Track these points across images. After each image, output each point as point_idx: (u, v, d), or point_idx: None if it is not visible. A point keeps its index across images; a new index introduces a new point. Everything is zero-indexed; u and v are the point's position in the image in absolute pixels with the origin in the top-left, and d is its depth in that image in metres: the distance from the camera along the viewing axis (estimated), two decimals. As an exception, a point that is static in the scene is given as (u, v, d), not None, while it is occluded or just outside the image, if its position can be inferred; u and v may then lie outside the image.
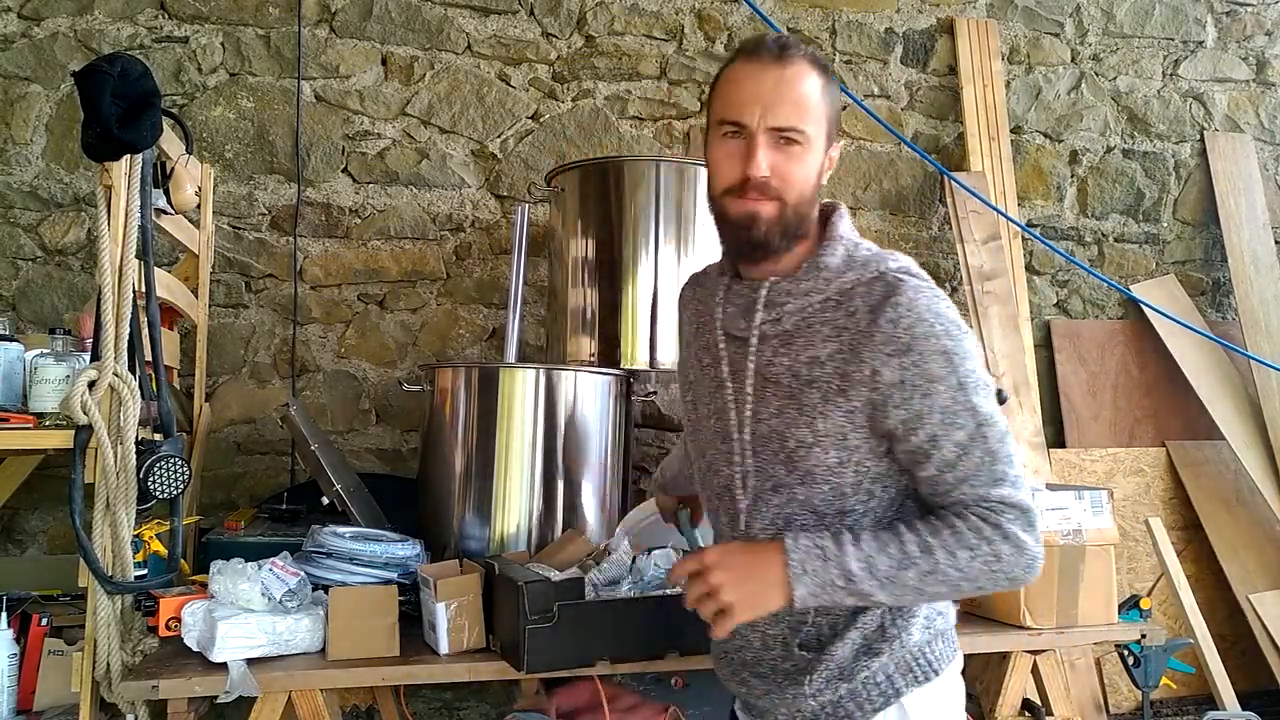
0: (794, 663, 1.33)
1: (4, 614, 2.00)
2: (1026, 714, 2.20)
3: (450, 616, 1.90)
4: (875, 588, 1.21)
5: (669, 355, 2.53)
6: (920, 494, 1.29)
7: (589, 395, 2.39)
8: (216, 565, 1.92)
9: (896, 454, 1.27)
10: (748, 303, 1.34)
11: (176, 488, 1.94)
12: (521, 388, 2.34)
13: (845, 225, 1.36)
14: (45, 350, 2.02)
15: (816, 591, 1.21)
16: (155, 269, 2.07)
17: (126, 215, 1.95)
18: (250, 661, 1.79)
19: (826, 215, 1.37)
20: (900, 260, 1.30)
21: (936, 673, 1.31)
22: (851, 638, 1.29)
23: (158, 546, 2.05)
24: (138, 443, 1.92)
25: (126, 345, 1.92)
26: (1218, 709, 2.99)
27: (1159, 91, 3.72)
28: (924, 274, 1.31)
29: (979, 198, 3.30)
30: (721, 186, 1.29)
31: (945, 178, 3.36)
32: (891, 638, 1.29)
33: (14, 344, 2.06)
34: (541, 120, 3.20)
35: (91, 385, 1.86)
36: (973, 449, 1.23)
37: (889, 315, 1.22)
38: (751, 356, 1.32)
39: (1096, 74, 3.67)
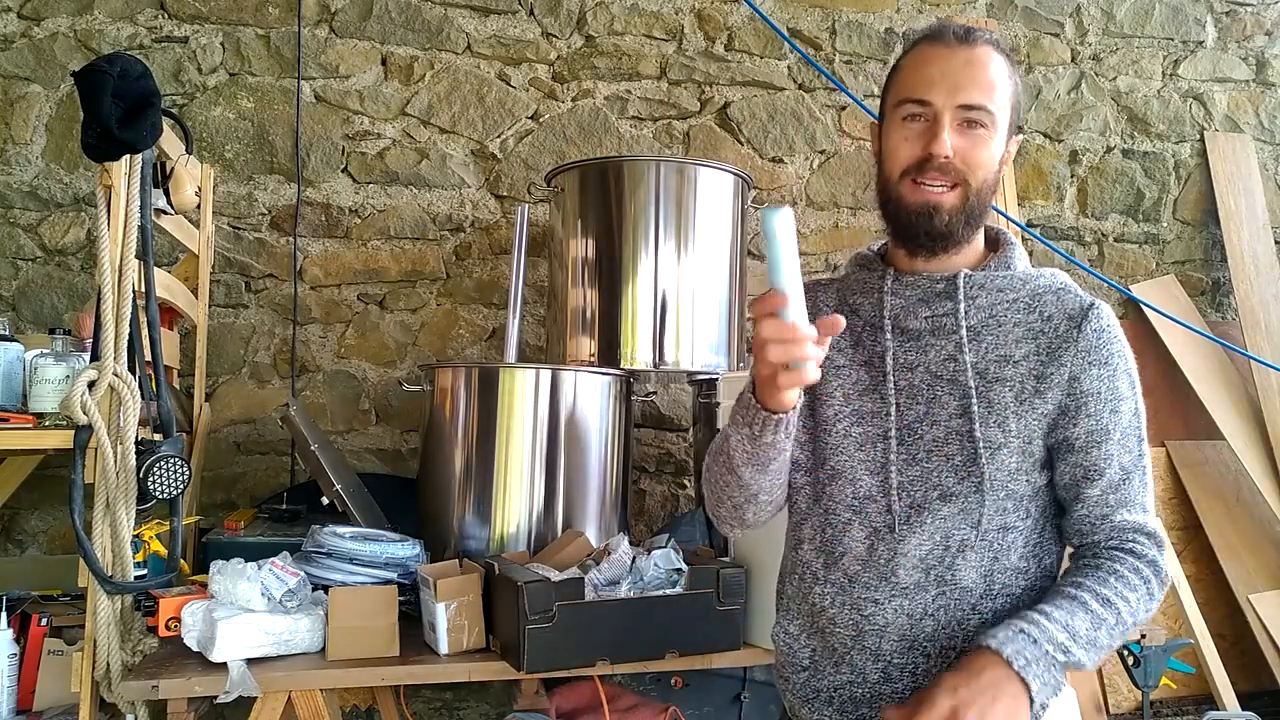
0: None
1: (4, 614, 2.00)
2: (1026, 714, 2.20)
3: (450, 616, 1.90)
4: (1082, 655, 1.13)
5: (672, 355, 2.53)
6: (1070, 517, 1.26)
7: (589, 395, 2.39)
8: (216, 565, 1.92)
9: (1062, 467, 1.25)
10: (928, 293, 1.28)
11: (176, 488, 1.94)
12: (521, 388, 2.34)
13: (1010, 234, 1.37)
14: (45, 350, 2.03)
15: (1045, 679, 1.09)
16: (155, 269, 2.07)
17: (126, 215, 1.95)
18: (250, 661, 1.79)
19: (992, 231, 1.37)
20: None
21: (1063, 682, 1.28)
22: None
23: (158, 546, 2.05)
24: (138, 443, 1.92)
25: (126, 345, 1.92)
26: (1218, 709, 2.99)
27: (1159, 91, 3.72)
28: None
29: (979, 198, 3.29)
30: (900, 168, 1.24)
31: (945, 178, 3.36)
32: None
33: (14, 344, 2.06)
34: (541, 120, 3.20)
35: (91, 385, 1.86)
36: (1134, 475, 1.24)
37: (1094, 326, 1.23)
38: (932, 350, 1.26)
39: (1096, 74, 3.67)
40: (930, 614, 1.24)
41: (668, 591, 1.98)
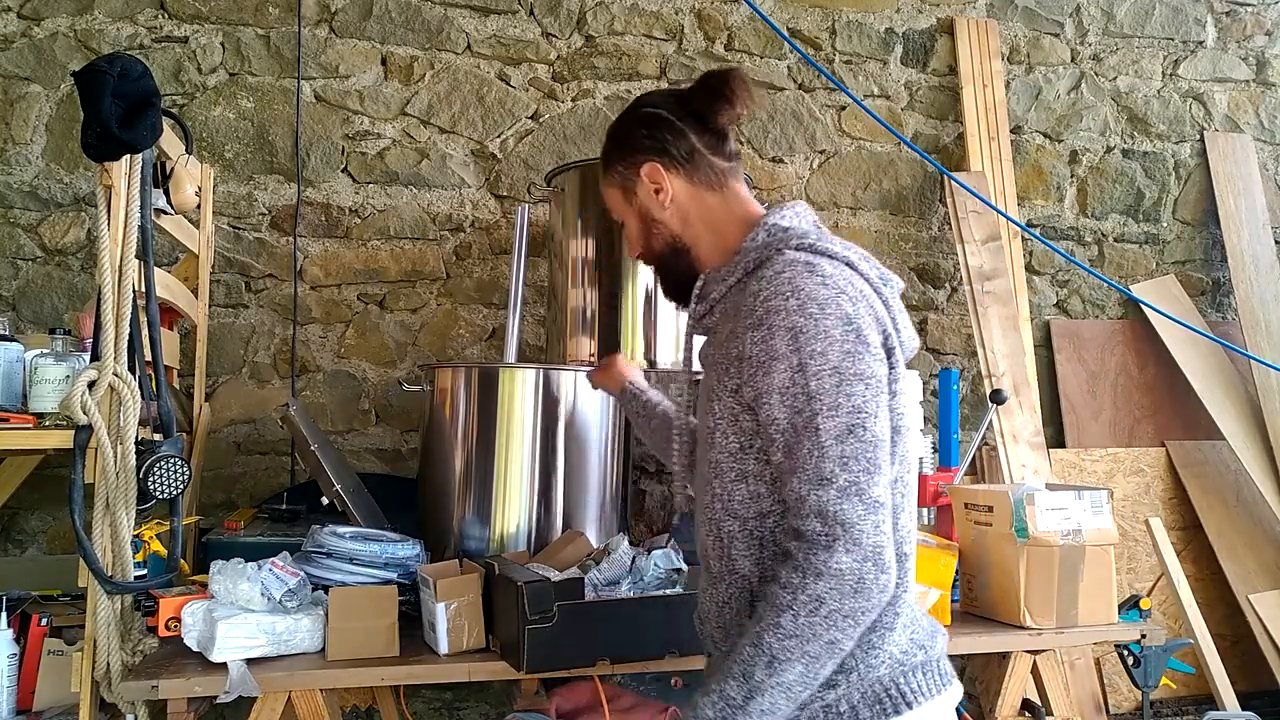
0: None
1: (4, 614, 2.00)
2: (1026, 714, 2.20)
3: (450, 616, 1.90)
4: (749, 707, 1.12)
5: (667, 355, 2.53)
6: None
7: (589, 395, 2.39)
8: (216, 565, 1.92)
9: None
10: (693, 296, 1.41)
11: (176, 488, 1.94)
12: (521, 388, 2.34)
13: (779, 214, 1.32)
14: (45, 350, 2.02)
15: None
16: (155, 269, 2.07)
17: (126, 215, 1.95)
18: (250, 661, 1.79)
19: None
20: (811, 238, 1.25)
21: (909, 705, 1.22)
22: None
23: (158, 546, 2.05)
24: (138, 443, 1.92)
25: (126, 345, 1.92)
26: (1218, 709, 2.99)
27: (1159, 91, 3.72)
28: (838, 250, 1.23)
29: (979, 198, 3.30)
30: None
31: (945, 178, 3.36)
32: (849, 669, 1.20)
33: (14, 344, 2.06)
34: (541, 120, 3.20)
35: (91, 385, 1.86)
36: (803, 438, 1.14)
37: (752, 288, 1.21)
38: (695, 348, 1.42)
39: (1096, 74, 3.67)
40: (712, 586, 1.32)
41: (668, 591, 1.99)
